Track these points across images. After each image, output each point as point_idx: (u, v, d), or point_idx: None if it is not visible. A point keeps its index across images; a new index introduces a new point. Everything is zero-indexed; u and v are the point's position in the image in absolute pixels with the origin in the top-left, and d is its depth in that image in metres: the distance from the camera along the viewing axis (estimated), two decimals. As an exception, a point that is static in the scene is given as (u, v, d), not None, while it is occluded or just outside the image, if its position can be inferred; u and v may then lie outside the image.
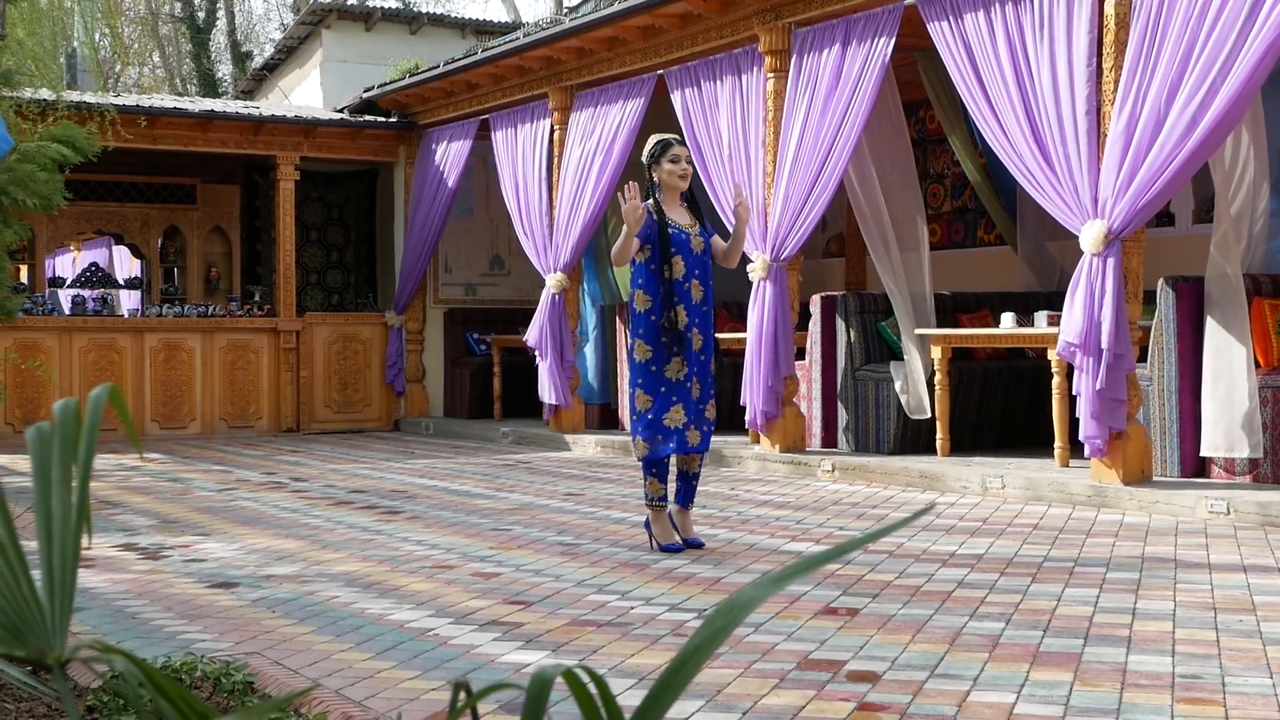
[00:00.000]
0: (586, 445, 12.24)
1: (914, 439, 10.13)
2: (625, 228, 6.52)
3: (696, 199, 6.96)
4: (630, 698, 3.96)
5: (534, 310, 13.63)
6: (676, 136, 6.94)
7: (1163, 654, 4.40)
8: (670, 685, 1.07)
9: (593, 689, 1.12)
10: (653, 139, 6.86)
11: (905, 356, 10.05)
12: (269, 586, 5.89)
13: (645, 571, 6.10)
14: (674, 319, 6.62)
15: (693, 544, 6.69)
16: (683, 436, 6.61)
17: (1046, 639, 4.63)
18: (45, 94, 8.84)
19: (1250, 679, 4.07)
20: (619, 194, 6.61)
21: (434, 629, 4.96)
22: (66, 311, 14.85)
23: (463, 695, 1.12)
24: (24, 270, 16.05)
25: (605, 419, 13.26)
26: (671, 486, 6.92)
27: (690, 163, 6.83)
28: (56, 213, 7.16)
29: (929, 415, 9.92)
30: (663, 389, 6.62)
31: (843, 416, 10.44)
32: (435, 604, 5.43)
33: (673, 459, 6.80)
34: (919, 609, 5.17)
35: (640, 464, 6.80)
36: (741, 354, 10.65)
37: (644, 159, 6.82)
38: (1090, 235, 7.97)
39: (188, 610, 5.39)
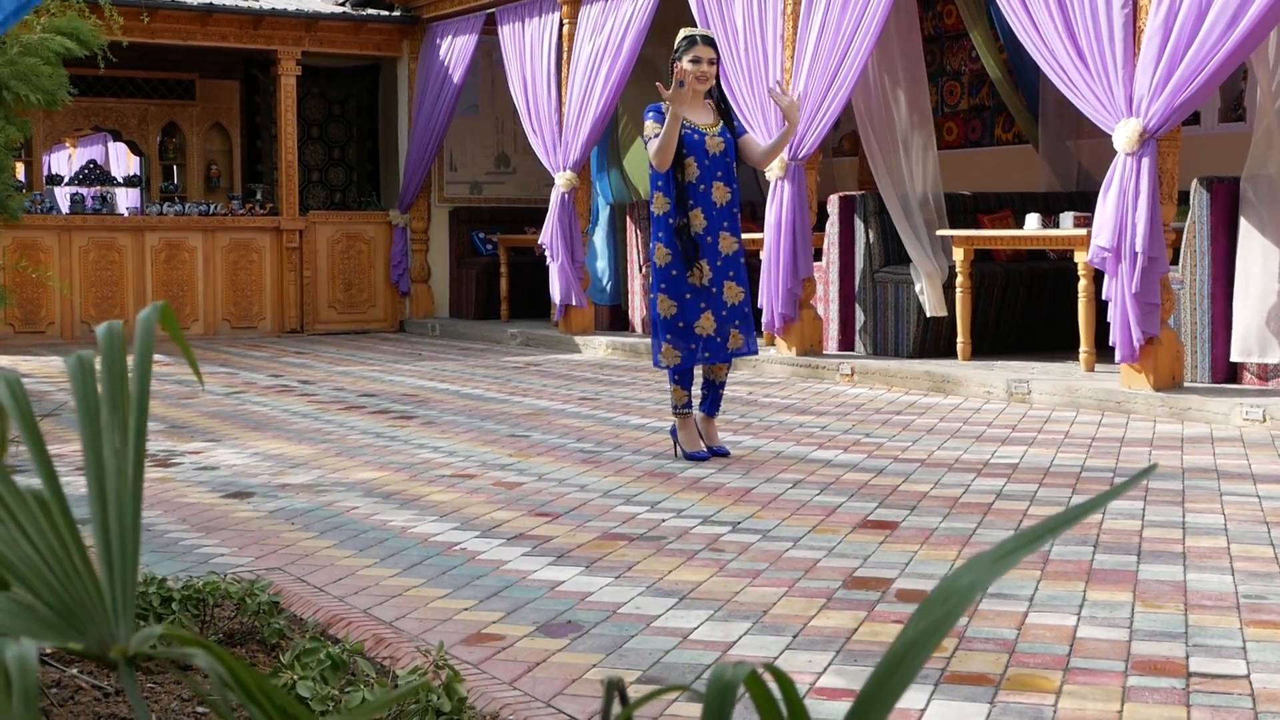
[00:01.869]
0: (597, 347, 12.04)
1: (934, 343, 9.93)
2: (665, 126, 6.25)
3: (726, 98, 6.68)
4: (674, 618, 3.79)
5: (541, 210, 13.38)
6: (705, 33, 6.62)
7: (1222, 572, 4.23)
8: (883, 690, 0.87)
9: (776, 692, 0.93)
10: (682, 33, 6.57)
11: (912, 259, 9.81)
12: (285, 496, 5.72)
13: (672, 481, 5.93)
14: (687, 223, 6.37)
15: (718, 452, 6.51)
16: (715, 344, 6.39)
17: (1098, 555, 4.46)
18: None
19: (1318, 600, 3.91)
20: (662, 88, 6.30)
21: (460, 543, 4.79)
22: (64, 210, 14.56)
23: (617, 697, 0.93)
24: (21, 168, 15.74)
25: (615, 320, 13.05)
26: (697, 393, 6.73)
27: (713, 62, 6.52)
28: (61, 108, 6.89)
29: (944, 314, 9.71)
30: (688, 295, 6.39)
31: (860, 319, 10.23)
32: (459, 515, 5.26)
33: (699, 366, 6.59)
34: (960, 522, 5.00)
35: (666, 370, 6.59)
36: (758, 255, 10.41)
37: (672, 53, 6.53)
38: (1124, 134, 7.71)
39: (204, 522, 5.22)
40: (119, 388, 1.07)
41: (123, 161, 18.33)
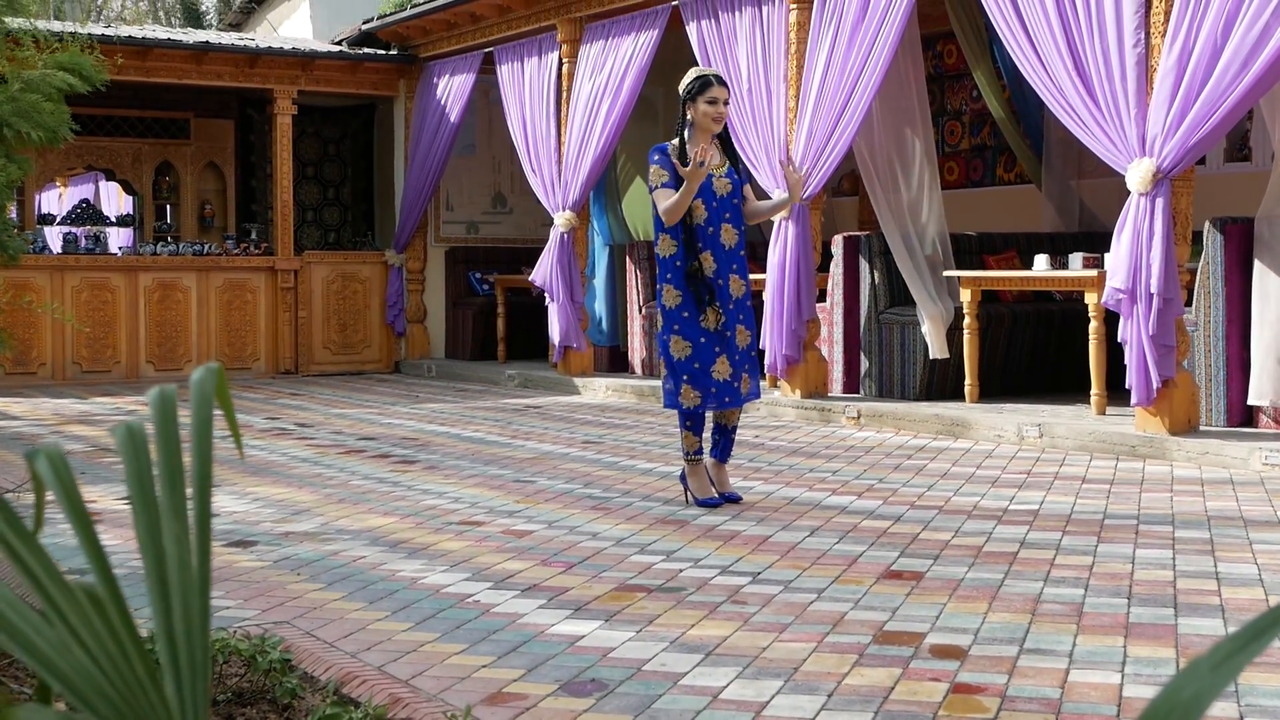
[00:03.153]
0: (597, 389, 11.90)
1: (940, 385, 9.81)
2: (686, 185, 6.12)
3: (731, 140, 6.57)
4: (702, 675, 3.64)
5: (538, 249, 13.25)
6: (718, 74, 6.49)
7: (1264, 626, 4.08)
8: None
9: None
10: (692, 73, 6.45)
11: (916, 300, 9.69)
12: (289, 545, 5.56)
13: (686, 529, 5.78)
14: (697, 266, 6.25)
15: (730, 498, 6.37)
16: (732, 388, 6.26)
17: (1134, 607, 4.32)
18: (41, 24, 8.42)
19: (1370, 656, 3.77)
20: (692, 156, 6.18)
21: (473, 594, 4.64)
22: (56, 250, 14.41)
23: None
24: (12, 207, 15.57)
25: (614, 361, 12.92)
26: (708, 438, 6.60)
27: (728, 104, 6.41)
28: (63, 145, 6.76)
29: (947, 355, 9.59)
30: (702, 339, 6.25)
31: (865, 362, 10.11)
32: (470, 565, 5.11)
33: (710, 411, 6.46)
34: (987, 572, 4.85)
35: (675, 412, 6.46)
36: (762, 296, 10.29)
37: (681, 92, 6.40)
38: (1138, 174, 7.61)
39: (206, 572, 5.05)
40: (176, 463, 0.93)
41: (114, 200, 18.18)
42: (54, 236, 15.24)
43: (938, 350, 9.58)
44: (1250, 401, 7.83)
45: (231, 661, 3.70)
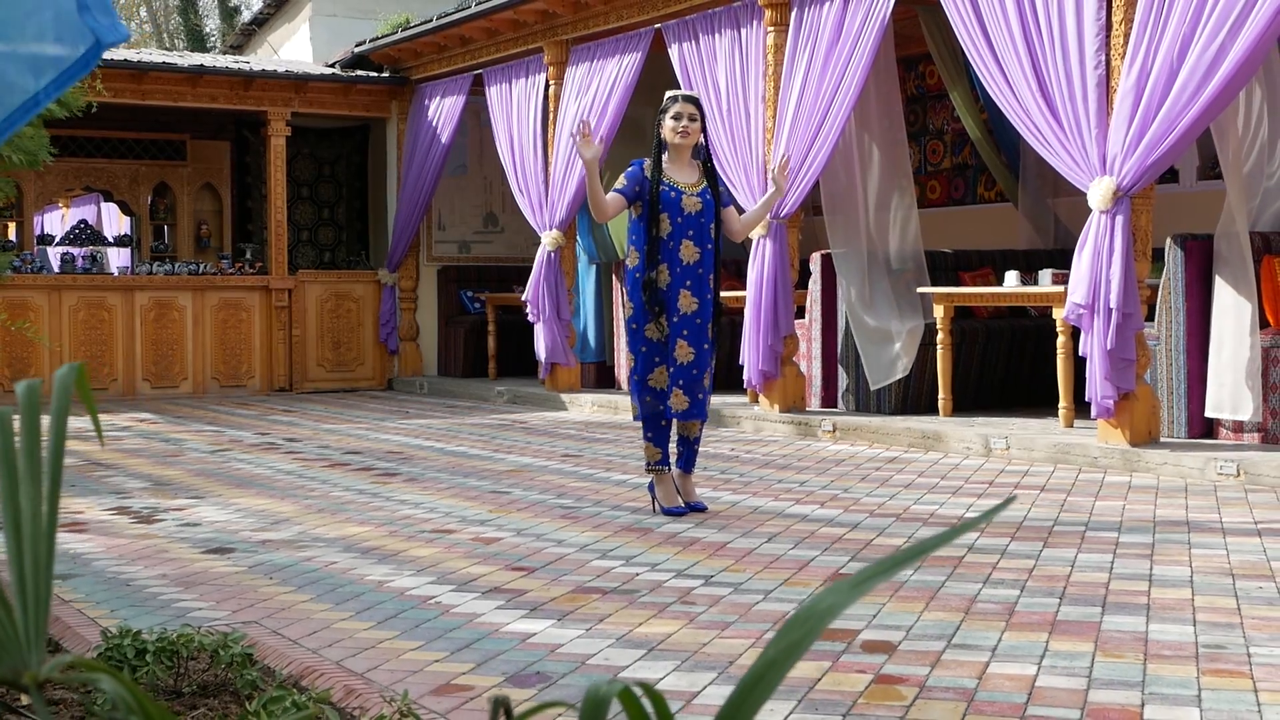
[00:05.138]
0: (583, 405, 12.12)
1: (915, 399, 10.02)
2: (588, 180, 6.42)
3: (713, 163, 6.77)
4: (642, 669, 3.85)
5: (529, 268, 13.48)
6: (687, 93, 6.74)
7: (1184, 623, 4.29)
8: (744, 705, 0.94)
9: (649, 706, 1.00)
10: (666, 95, 6.72)
11: (854, 322, 9.89)
12: (265, 552, 5.77)
13: (649, 536, 5.99)
14: (653, 278, 6.50)
15: (695, 508, 6.58)
16: (666, 400, 6.51)
17: (1064, 606, 4.52)
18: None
19: (1276, 649, 3.97)
20: (575, 134, 6.48)
21: (435, 596, 4.85)
22: (56, 269, 14.66)
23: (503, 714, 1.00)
24: (12, 228, 15.84)
25: (602, 377, 13.14)
26: (674, 449, 6.81)
27: (694, 119, 6.62)
28: (43, 168, 6.99)
29: (897, 377, 9.79)
30: (643, 348, 6.55)
31: (843, 377, 10.32)
32: (436, 570, 5.32)
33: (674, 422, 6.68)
34: (930, 575, 5.05)
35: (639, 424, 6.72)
36: (741, 312, 10.51)
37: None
38: (1099, 192, 7.83)
39: (183, 577, 5.27)
40: (34, 441, 1.15)
41: (115, 221, 18.45)
42: (55, 257, 15.49)
43: (899, 369, 9.77)
44: (1207, 414, 8.03)
45: (199, 657, 3.91)
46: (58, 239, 16.02)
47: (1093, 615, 4.40)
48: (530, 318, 12.69)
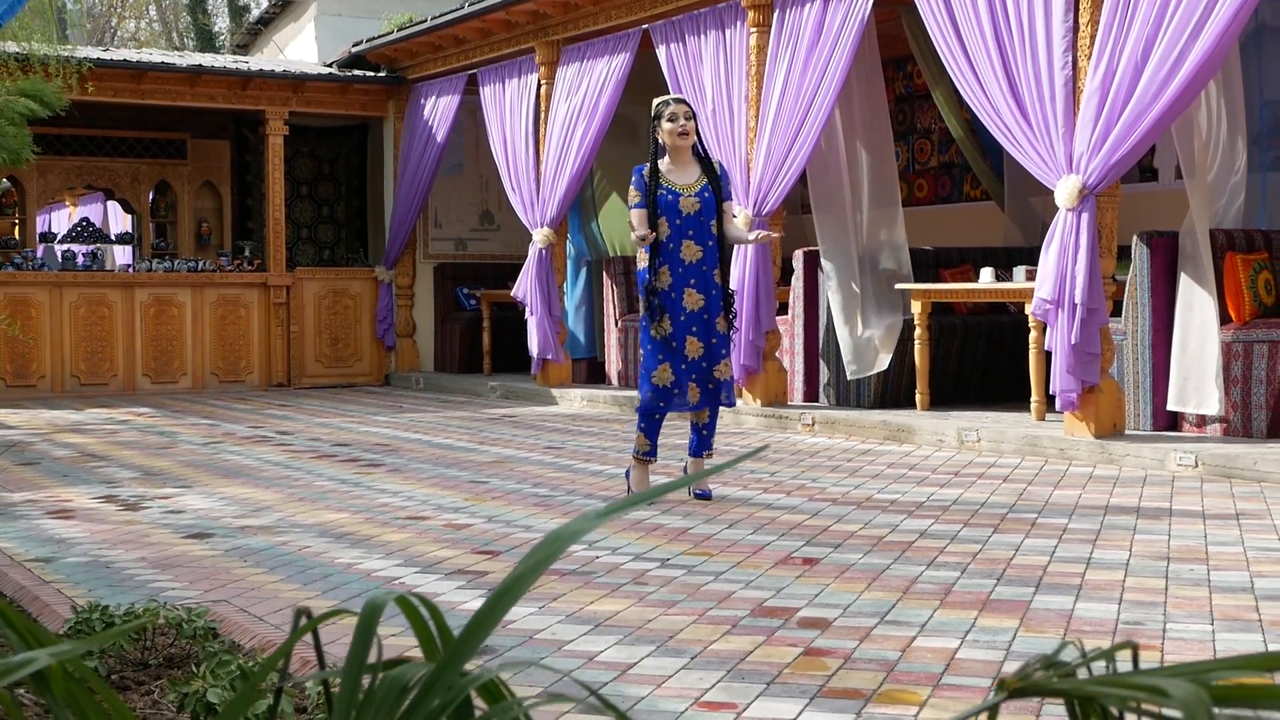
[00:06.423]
0: (573, 400, 12.32)
1: (894, 394, 10.21)
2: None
3: (712, 161, 6.95)
4: (586, 643, 4.05)
5: (524, 265, 13.68)
6: (678, 96, 7.01)
7: (1109, 601, 4.48)
8: (494, 610, 1.14)
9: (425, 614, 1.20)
10: (656, 100, 6.94)
11: (835, 317, 10.09)
12: (243, 537, 5.98)
13: (615, 523, 6.18)
14: (652, 282, 6.73)
15: (701, 495, 6.81)
16: (671, 395, 6.75)
17: (999, 587, 4.71)
18: (13, 47, 8.89)
19: (1190, 625, 4.16)
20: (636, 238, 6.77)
21: (400, 578, 5.05)
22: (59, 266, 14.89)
23: (304, 620, 1.20)
24: (16, 226, 16.07)
25: (592, 373, 13.34)
26: (663, 443, 7.07)
27: (690, 118, 6.84)
28: (43, 167, 7.21)
29: (871, 372, 9.99)
30: (649, 346, 6.78)
31: (824, 372, 10.51)
32: (404, 554, 5.52)
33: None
34: (879, 559, 5.25)
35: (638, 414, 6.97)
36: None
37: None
38: (1065, 190, 8.02)
39: (161, 560, 5.48)
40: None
41: (120, 220, 18.69)
42: (58, 254, 15.71)
43: (879, 364, 9.97)
44: (1169, 407, 8.21)
45: (166, 632, 4.12)
46: (59, 237, 16.24)
47: (1025, 595, 4.59)
48: (528, 311, 12.89)
